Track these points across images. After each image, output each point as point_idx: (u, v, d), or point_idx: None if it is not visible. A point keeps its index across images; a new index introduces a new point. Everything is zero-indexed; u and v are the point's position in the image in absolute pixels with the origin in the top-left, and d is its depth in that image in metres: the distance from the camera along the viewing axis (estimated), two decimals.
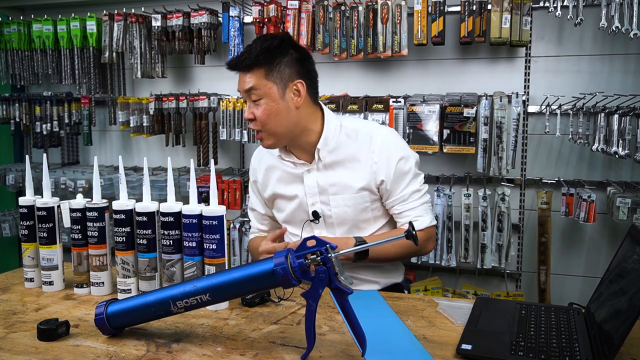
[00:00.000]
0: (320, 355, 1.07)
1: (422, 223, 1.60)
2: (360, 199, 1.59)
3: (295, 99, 1.52)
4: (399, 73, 2.77)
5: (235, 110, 2.76)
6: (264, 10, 2.69)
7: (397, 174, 1.57)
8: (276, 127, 1.51)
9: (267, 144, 1.56)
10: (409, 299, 1.40)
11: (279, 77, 1.49)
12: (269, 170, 1.69)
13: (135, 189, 2.84)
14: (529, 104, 2.57)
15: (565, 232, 2.62)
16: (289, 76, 1.50)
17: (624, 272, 1.14)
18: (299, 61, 1.52)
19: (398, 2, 2.53)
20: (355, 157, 1.59)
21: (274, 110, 1.49)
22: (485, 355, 1.05)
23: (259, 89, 1.48)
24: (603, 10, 2.21)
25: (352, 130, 1.61)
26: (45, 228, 1.44)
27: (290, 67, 1.50)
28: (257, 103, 1.50)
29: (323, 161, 1.59)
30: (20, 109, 3.23)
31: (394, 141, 1.61)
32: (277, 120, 1.50)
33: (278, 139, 1.54)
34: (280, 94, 1.49)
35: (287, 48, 1.51)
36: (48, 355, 1.07)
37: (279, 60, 1.49)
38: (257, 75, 1.48)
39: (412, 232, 1.10)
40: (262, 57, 1.47)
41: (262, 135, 1.54)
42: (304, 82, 1.52)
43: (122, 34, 2.91)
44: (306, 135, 1.58)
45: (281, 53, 1.50)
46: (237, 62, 1.51)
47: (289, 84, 1.50)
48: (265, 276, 1.04)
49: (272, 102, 1.49)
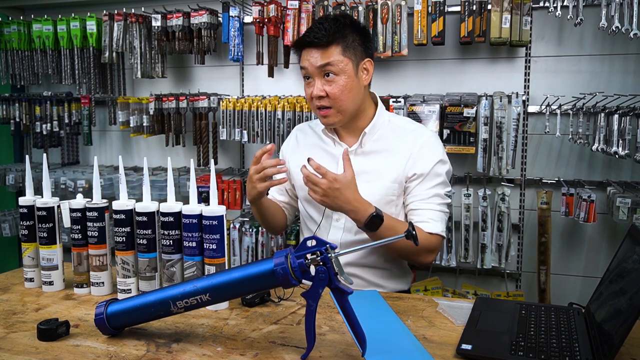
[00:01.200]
0: (320, 355, 1.07)
1: (434, 227, 1.56)
2: (388, 191, 1.59)
3: (365, 77, 1.57)
4: (399, 73, 2.77)
5: (235, 110, 2.77)
6: (264, 10, 2.69)
7: (431, 173, 1.58)
8: (348, 103, 1.54)
9: (334, 120, 1.57)
10: (409, 299, 1.40)
11: (353, 54, 1.53)
12: (308, 146, 1.71)
13: (135, 189, 2.84)
14: (529, 104, 2.57)
15: (565, 232, 2.62)
16: (361, 54, 1.55)
17: (624, 272, 1.14)
18: (366, 41, 1.57)
19: (398, 2, 2.53)
20: (394, 150, 1.61)
21: (348, 86, 1.52)
22: (485, 355, 1.05)
23: (336, 65, 1.51)
24: (603, 10, 2.21)
25: (399, 127, 1.65)
26: (45, 228, 1.44)
27: (361, 45, 1.55)
28: (330, 79, 1.52)
29: (363, 147, 1.62)
30: (20, 109, 3.23)
31: (438, 143, 1.64)
32: (350, 96, 1.53)
33: (345, 115, 1.57)
34: (354, 70, 1.53)
35: (357, 27, 1.56)
36: (48, 355, 1.07)
37: (353, 38, 1.53)
38: (335, 51, 1.51)
39: (412, 232, 1.10)
40: (339, 35, 1.51)
41: (330, 112, 1.55)
42: (371, 60, 1.57)
43: (122, 34, 2.91)
44: (360, 118, 1.62)
45: (354, 30, 1.54)
46: (312, 38, 1.51)
47: (361, 62, 1.55)
48: (265, 276, 1.04)
49: (348, 78, 1.52)
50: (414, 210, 1.60)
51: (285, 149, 1.80)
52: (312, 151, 1.69)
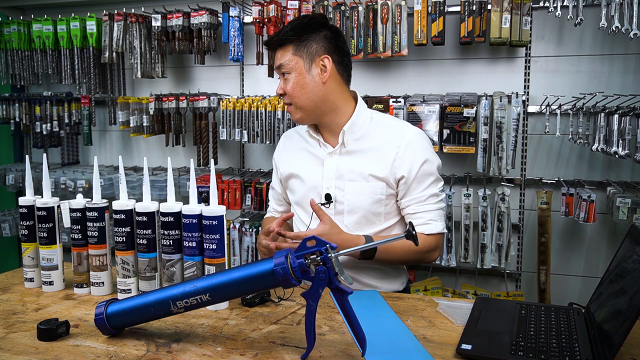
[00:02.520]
0: (320, 355, 1.07)
1: (435, 228, 1.59)
2: (376, 189, 1.60)
3: (323, 74, 1.59)
4: (399, 73, 2.77)
5: (235, 110, 2.77)
6: (264, 10, 2.69)
7: (420, 175, 1.59)
8: (303, 100, 1.59)
9: (296, 117, 1.63)
10: (409, 299, 1.40)
11: (305, 52, 1.58)
12: (295, 150, 1.75)
13: (135, 189, 2.84)
14: (529, 104, 2.57)
15: (565, 232, 2.62)
16: (315, 51, 1.58)
17: (624, 272, 1.14)
18: (329, 39, 1.60)
19: (398, 2, 2.53)
20: (379, 148, 1.61)
21: (299, 83, 1.58)
22: (485, 355, 1.05)
23: (287, 64, 1.58)
24: (603, 10, 2.21)
25: (381, 123, 1.66)
26: (45, 228, 1.44)
27: (317, 43, 1.58)
28: (286, 78, 1.59)
29: (347, 147, 1.63)
30: (20, 109, 3.23)
31: (422, 142, 1.63)
32: (303, 93, 1.58)
33: (306, 112, 1.61)
34: (306, 67, 1.58)
35: (317, 26, 1.59)
36: (48, 355, 1.07)
37: (307, 37, 1.58)
38: (287, 51, 1.58)
39: (412, 232, 1.10)
40: (290, 34, 1.57)
41: (291, 109, 1.63)
42: (329, 57, 1.58)
43: (122, 34, 2.91)
44: (335, 115, 1.63)
45: (310, 29, 1.58)
46: (270, 40, 1.63)
47: (316, 58, 1.58)
48: (265, 276, 1.04)
49: (298, 75, 1.57)
50: (412, 214, 1.61)
51: (276, 156, 1.84)
52: (299, 154, 1.72)
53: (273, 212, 1.86)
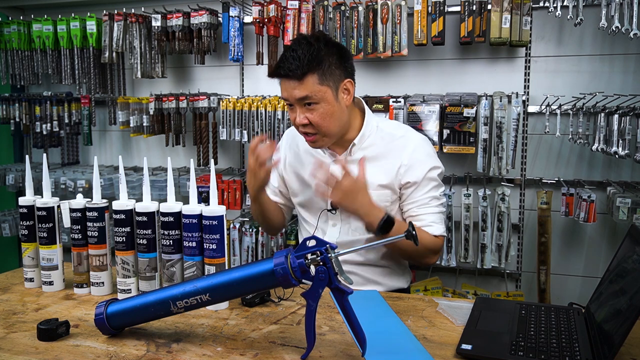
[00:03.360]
0: (320, 355, 1.07)
1: (436, 230, 1.61)
2: (382, 197, 1.60)
3: (346, 97, 1.54)
4: (399, 73, 2.77)
5: (235, 110, 2.77)
6: (264, 10, 2.69)
7: (423, 180, 1.60)
8: (332, 128, 1.53)
9: (321, 144, 1.57)
10: (409, 299, 1.40)
11: (331, 80, 1.49)
12: (301, 151, 1.71)
13: (135, 189, 2.84)
14: (529, 104, 2.57)
15: (565, 232, 2.62)
16: (339, 77, 1.51)
17: (624, 272, 1.14)
18: (343, 60, 1.53)
19: (398, 2, 2.53)
20: (384, 156, 1.61)
21: (329, 112, 1.50)
22: (485, 355, 1.05)
23: (315, 96, 1.48)
24: (603, 10, 2.21)
25: (387, 133, 1.64)
26: (45, 228, 1.44)
27: (338, 68, 1.51)
28: (310, 108, 1.50)
29: (352, 156, 1.62)
30: (20, 109, 3.23)
31: (427, 149, 1.64)
32: (332, 121, 1.52)
33: (332, 138, 1.57)
34: (334, 95, 1.51)
35: (331, 48, 1.51)
36: (48, 355, 1.07)
37: (329, 63, 1.48)
38: (311, 82, 1.47)
39: (412, 231, 1.10)
40: (314, 64, 1.46)
41: (316, 137, 1.54)
42: (351, 80, 1.55)
43: (122, 34, 2.91)
44: (347, 131, 1.61)
45: (328, 54, 1.49)
46: (286, 71, 1.47)
47: (340, 84, 1.52)
48: (265, 276, 1.04)
49: (328, 105, 1.50)
50: (414, 216, 1.62)
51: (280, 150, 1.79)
52: (305, 157, 1.70)
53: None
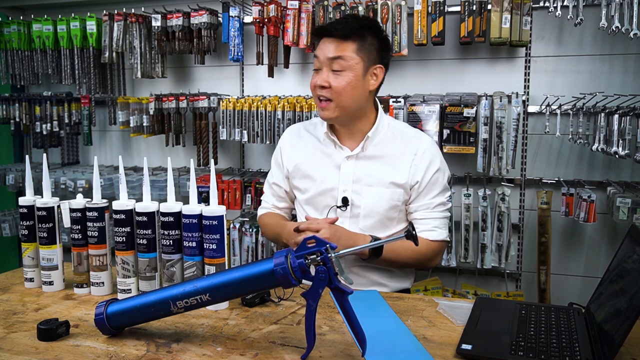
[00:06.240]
0: (320, 355, 1.07)
1: (440, 235, 1.63)
2: (394, 195, 1.61)
3: (372, 81, 1.57)
4: (399, 73, 2.77)
5: (235, 110, 2.76)
6: (264, 10, 2.69)
7: (431, 182, 1.62)
8: (348, 101, 1.54)
9: (329, 114, 1.57)
10: (409, 299, 1.40)
11: (367, 56, 1.53)
12: (306, 148, 1.71)
13: (135, 189, 2.84)
14: (529, 104, 2.57)
15: (565, 232, 2.62)
16: (374, 58, 1.55)
17: (624, 272, 1.14)
18: (383, 49, 1.58)
19: (398, 2, 2.53)
20: (397, 154, 1.63)
21: (352, 84, 1.52)
22: (485, 355, 1.05)
23: (347, 61, 1.51)
24: (603, 10, 2.21)
25: (398, 130, 1.67)
26: (45, 228, 1.44)
27: (376, 51, 1.55)
28: (337, 73, 1.52)
29: (365, 152, 1.63)
30: (20, 109, 3.23)
31: (436, 151, 1.67)
32: (352, 95, 1.54)
33: (343, 113, 1.57)
34: (363, 71, 1.54)
35: (379, 32, 1.56)
36: (48, 355, 1.07)
37: (371, 41, 1.54)
38: (349, 46, 1.51)
39: (412, 231, 1.11)
40: (358, 32, 1.51)
41: (330, 105, 1.55)
42: (383, 68, 1.58)
43: (122, 34, 2.91)
44: (361, 121, 1.62)
45: (374, 34, 1.55)
46: (332, 28, 1.53)
47: (372, 65, 1.55)
48: (265, 276, 1.04)
49: (354, 76, 1.52)
50: (419, 220, 1.63)
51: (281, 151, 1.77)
52: (312, 153, 1.69)
53: (272, 209, 1.82)
